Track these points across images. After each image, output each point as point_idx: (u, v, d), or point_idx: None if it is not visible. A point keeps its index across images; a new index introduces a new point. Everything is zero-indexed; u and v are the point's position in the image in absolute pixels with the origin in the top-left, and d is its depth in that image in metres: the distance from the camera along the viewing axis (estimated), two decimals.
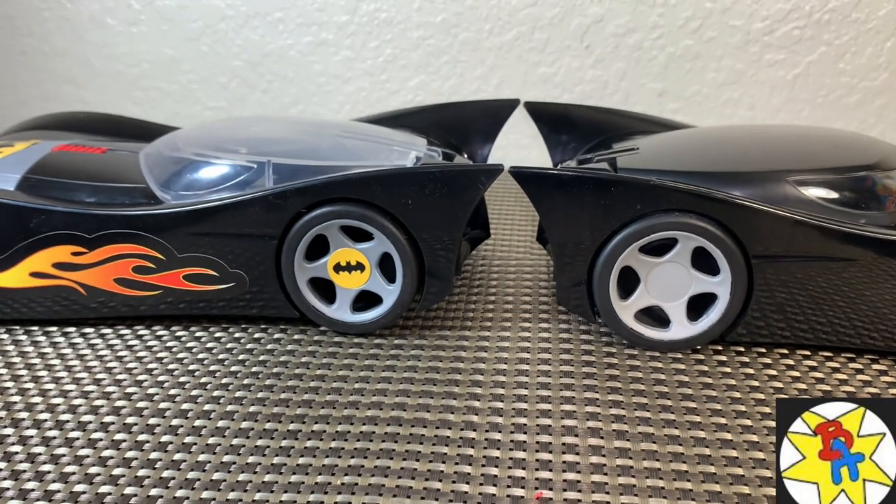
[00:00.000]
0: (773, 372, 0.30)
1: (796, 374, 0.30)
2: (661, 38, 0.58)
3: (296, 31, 0.63)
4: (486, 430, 0.26)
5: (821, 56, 0.57)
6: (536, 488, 0.23)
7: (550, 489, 0.23)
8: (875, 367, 0.30)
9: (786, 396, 0.28)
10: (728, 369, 0.30)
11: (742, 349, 0.32)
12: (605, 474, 0.24)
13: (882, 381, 0.29)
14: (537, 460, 0.25)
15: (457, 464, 0.25)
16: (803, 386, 0.29)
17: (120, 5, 0.64)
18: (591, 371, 0.30)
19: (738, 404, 0.28)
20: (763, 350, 0.32)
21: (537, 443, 0.26)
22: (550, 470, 0.24)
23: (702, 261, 0.30)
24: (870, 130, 0.58)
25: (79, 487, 0.24)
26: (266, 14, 0.62)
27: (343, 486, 0.24)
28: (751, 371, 0.30)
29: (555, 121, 0.43)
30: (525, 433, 0.26)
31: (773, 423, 0.27)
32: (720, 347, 0.32)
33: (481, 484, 0.24)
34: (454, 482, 0.24)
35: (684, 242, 0.30)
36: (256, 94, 0.65)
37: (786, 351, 0.32)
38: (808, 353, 0.32)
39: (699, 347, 0.32)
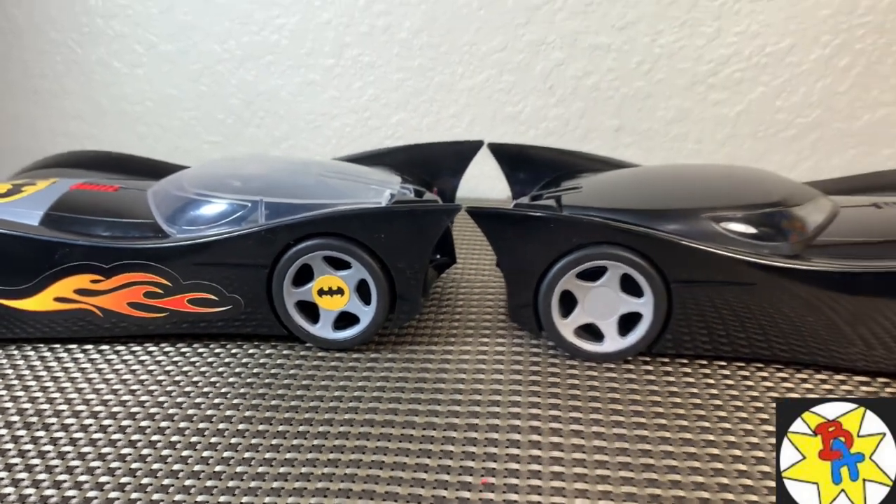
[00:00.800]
0: (692, 380, 0.35)
1: (711, 381, 0.35)
2: (616, 80, 0.64)
3: (286, 72, 0.68)
4: (444, 430, 0.31)
5: (760, 95, 0.62)
6: (482, 475, 0.29)
7: (493, 476, 0.28)
8: (779, 374, 0.36)
9: (699, 402, 0.34)
10: (653, 377, 0.36)
11: (667, 360, 0.37)
12: (540, 465, 0.29)
13: (783, 387, 0.35)
14: (485, 454, 0.30)
15: (417, 457, 0.30)
16: (715, 392, 0.34)
17: (125, 49, 0.69)
18: (536, 379, 0.35)
19: (657, 407, 0.33)
20: (686, 361, 0.37)
21: (486, 439, 0.31)
22: (495, 461, 0.29)
23: (631, 284, 0.35)
24: (804, 162, 0.63)
25: (108, 486, 0.29)
26: (259, 57, 0.68)
27: (317, 490, 0.28)
28: (672, 379, 0.35)
29: (514, 159, 0.47)
30: (476, 432, 0.31)
31: (687, 434, 0.31)
32: (648, 359, 0.37)
33: (437, 474, 0.29)
34: (411, 486, 0.28)
35: (613, 270, 0.35)
36: (250, 129, 0.71)
37: (705, 362, 0.37)
38: (724, 363, 0.37)
39: (630, 359, 0.37)
